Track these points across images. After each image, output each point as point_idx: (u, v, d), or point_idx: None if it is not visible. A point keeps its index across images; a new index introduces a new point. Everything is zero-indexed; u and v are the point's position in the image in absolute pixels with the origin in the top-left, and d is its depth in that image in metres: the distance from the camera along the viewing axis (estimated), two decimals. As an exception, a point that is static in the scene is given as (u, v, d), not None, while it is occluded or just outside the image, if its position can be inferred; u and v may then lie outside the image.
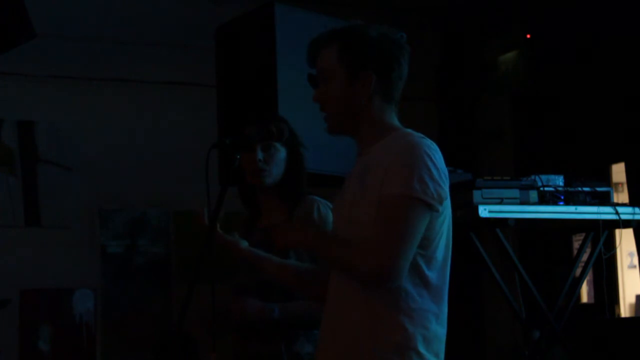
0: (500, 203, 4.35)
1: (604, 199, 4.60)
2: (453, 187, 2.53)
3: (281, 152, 3.23)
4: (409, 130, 2.57)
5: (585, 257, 4.84)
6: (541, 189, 4.49)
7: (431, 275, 2.46)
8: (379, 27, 2.60)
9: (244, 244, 3.06)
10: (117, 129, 6.56)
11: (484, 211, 4.29)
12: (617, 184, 6.01)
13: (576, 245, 5.70)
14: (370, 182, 2.48)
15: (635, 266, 6.07)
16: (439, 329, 2.49)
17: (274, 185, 3.23)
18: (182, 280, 6.54)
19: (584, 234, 4.88)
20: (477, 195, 4.33)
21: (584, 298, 6.27)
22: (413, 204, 2.39)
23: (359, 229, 2.47)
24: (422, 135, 2.52)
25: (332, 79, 2.56)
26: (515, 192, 4.41)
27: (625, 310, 6.14)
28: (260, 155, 3.19)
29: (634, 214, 4.62)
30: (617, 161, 5.93)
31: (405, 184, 2.40)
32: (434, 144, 2.49)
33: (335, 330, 2.51)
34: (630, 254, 6.05)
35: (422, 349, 2.43)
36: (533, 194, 4.46)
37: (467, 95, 7.17)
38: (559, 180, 4.58)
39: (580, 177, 4.68)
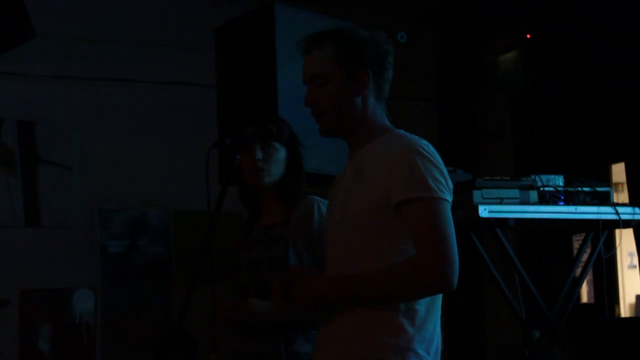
0: (500, 203, 4.35)
1: (604, 199, 4.60)
2: (453, 187, 2.53)
3: (280, 152, 3.23)
4: (401, 131, 2.58)
5: (585, 257, 4.84)
6: (541, 189, 4.49)
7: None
8: (366, 29, 2.61)
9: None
10: (117, 129, 6.56)
11: (484, 211, 4.29)
12: (617, 184, 6.01)
13: (576, 245, 5.70)
14: (367, 182, 2.48)
15: (635, 266, 6.07)
16: (437, 330, 2.49)
17: (273, 185, 3.23)
18: (182, 280, 6.55)
19: (584, 234, 4.88)
20: (477, 195, 4.33)
21: (584, 298, 6.27)
22: (439, 205, 2.40)
23: (353, 227, 2.47)
24: (416, 136, 2.53)
25: (329, 80, 2.55)
26: (515, 192, 4.40)
27: (625, 310, 6.14)
28: (259, 154, 3.19)
29: (634, 214, 4.62)
30: (617, 161, 5.93)
31: (423, 187, 2.40)
32: (429, 143, 2.50)
33: (334, 331, 2.50)
34: (630, 254, 6.05)
35: (420, 350, 2.43)
36: (533, 194, 4.45)
37: (467, 95, 7.17)
38: (559, 180, 4.58)
39: (580, 177, 4.68)
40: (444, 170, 2.46)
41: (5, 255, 6.21)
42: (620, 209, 4.57)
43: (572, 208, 4.50)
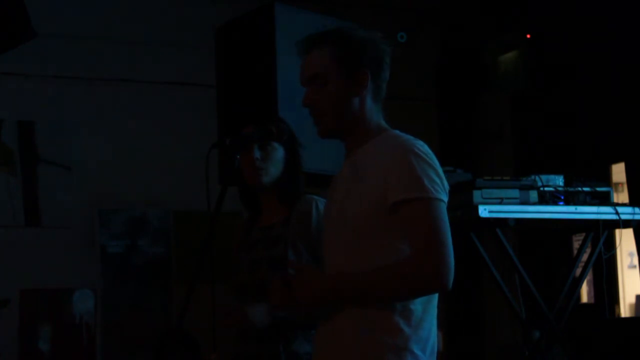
0: (500, 203, 4.35)
1: (604, 199, 4.60)
2: (453, 187, 2.53)
3: (279, 151, 3.22)
4: (397, 132, 2.59)
5: (585, 257, 4.84)
6: (541, 189, 4.49)
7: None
8: (364, 29, 2.61)
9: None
10: (117, 129, 6.56)
11: (484, 211, 4.29)
12: (617, 184, 6.01)
13: (576, 245, 5.70)
14: (364, 182, 2.49)
15: (635, 266, 6.07)
16: (433, 329, 2.50)
17: (272, 185, 3.23)
18: (182, 280, 6.55)
19: (584, 234, 4.88)
20: (477, 195, 4.33)
21: (584, 298, 6.27)
22: (435, 205, 2.41)
23: (350, 227, 2.48)
24: (411, 136, 2.54)
25: (329, 80, 2.56)
26: (515, 192, 4.40)
27: (625, 310, 6.14)
28: (257, 153, 3.19)
29: (634, 214, 4.62)
30: (617, 161, 5.93)
31: (419, 187, 2.41)
32: (424, 143, 2.51)
33: (332, 330, 2.51)
34: (630, 254, 6.05)
35: (416, 349, 2.44)
36: (533, 194, 4.45)
37: (467, 95, 7.18)
38: (559, 180, 4.58)
39: (580, 177, 4.68)
40: (440, 170, 2.48)
41: (5, 255, 6.21)
42: (620, 209, 4.57)
43: (572, 208, 4.50)
